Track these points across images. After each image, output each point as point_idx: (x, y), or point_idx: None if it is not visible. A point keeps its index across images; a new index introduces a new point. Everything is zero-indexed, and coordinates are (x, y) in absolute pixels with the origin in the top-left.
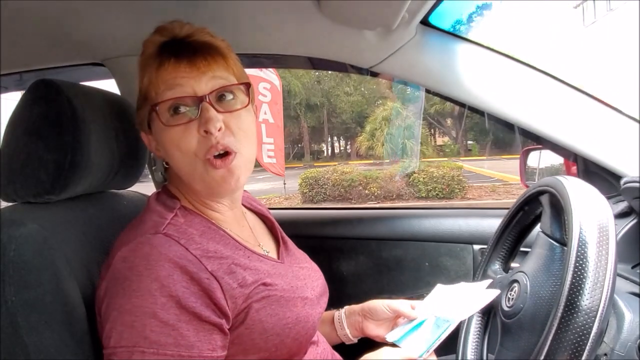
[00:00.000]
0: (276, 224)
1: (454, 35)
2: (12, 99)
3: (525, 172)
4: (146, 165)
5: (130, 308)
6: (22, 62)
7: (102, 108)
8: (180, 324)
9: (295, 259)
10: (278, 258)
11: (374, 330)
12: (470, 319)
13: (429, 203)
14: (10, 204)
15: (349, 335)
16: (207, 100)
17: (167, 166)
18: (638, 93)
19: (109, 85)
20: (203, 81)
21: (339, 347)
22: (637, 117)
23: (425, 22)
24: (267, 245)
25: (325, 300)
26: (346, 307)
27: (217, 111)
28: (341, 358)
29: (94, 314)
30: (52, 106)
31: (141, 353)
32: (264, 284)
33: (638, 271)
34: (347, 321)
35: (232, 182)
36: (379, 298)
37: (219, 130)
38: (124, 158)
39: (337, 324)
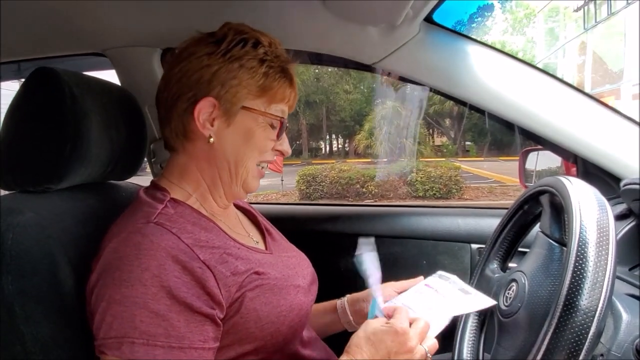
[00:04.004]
0: (258, 215)
1: (458, 33)
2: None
3: (525, 173)
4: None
5: (120, 298)
6: (21, 51)
7: (103, 98)
8: (171, 314)
9: (283, 248)
10: (266, 249)
11: None
12: (467, 317)
13: (426, 202)
14: (9, 192)
15: (353, 323)
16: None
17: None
18: (638, 95)
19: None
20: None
21: (331, 342)
22: (637, 120)
23: (429, 19)
24: (255, 236)
25: (315, 288)
26: (348, 296)
27: None
28: (333, 353)
29: (86, 302)
30: (52, 95)
31: (131, 344)
32: (257, 273)
33: (636, 273)
34: (351, 309)
35: (255, 189)
36: None
37: None
38: (124, 149)
39: (340, 312)
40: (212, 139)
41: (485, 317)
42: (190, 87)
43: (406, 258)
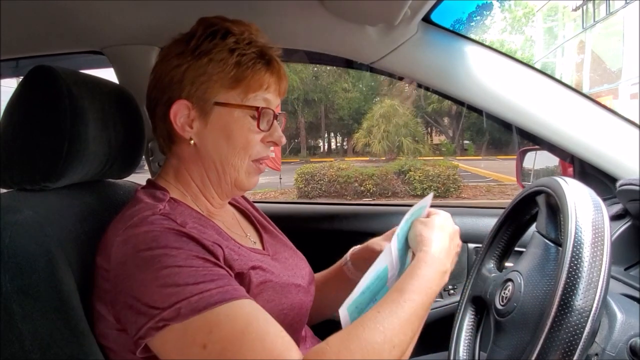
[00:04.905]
0: (255, 213)
1: (456, 33)
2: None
3: (522, 172)
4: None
5: (154, 277)
6: (19, 48)
7: (101, 96)
8: (208, 268)
9: (281, 247)
10: (263, 249)
11: None
12: (463, 316)
13: None
14: (6, 190)
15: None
16: (278, 119)
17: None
18: (638, 96)
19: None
20: (277, 101)
21: (326, 337)
22: (634, 121)
23: (427, 19)
24: (252, 236)
25: (313, 288)
26: (349, 257)
27: None
28: None
29: (89, 302)
30: (50, 93)
31: (187, 303)
32: (261, 268)
33: (631, 273)
34: (354, 267)
35: (251, 187)
36: None
37: None
38: (122, 147)
39: (347, 271)
40: (192, 141)
41: (481, 316)
42: (164, 90)
43: None
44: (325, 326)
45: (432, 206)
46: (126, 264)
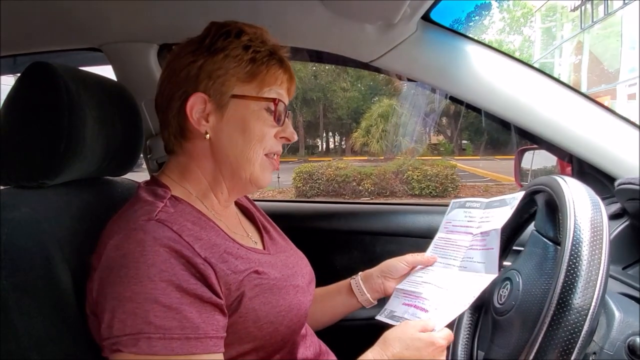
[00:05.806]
0: (256, 212)
1: (455, 32)
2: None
3: (520, 172)
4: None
5: (130, 295)
6: (17, 45)
7: (99, 93)
8: (183, 306)
9: (281, 247)
10: (264, 248)
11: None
12: (461, 315)
13: (422, 201)
14: (4, 187)
15: (370, 299)
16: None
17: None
18: (637, 97)
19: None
20: (287, 101)
21: (325, 337)
22: (632, 120)
23: (426, 17)
24: (253, 236)
25: (313, 286)
26: (360, 273)
27: None
28: (328, 349)
29: (86, 300)
30: (48, 90)
31: (147, 339)
32: (256, 272)
33: (629, 272)
34: (366, 286)
35: (265, 184)
36: None
37: None
38: (120, 145)
39: (356, 291)
40: (208, 135)
41: (479, 314)
42: (179, 85)
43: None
44: None
45: (430, 206)
46: (111, 270)
